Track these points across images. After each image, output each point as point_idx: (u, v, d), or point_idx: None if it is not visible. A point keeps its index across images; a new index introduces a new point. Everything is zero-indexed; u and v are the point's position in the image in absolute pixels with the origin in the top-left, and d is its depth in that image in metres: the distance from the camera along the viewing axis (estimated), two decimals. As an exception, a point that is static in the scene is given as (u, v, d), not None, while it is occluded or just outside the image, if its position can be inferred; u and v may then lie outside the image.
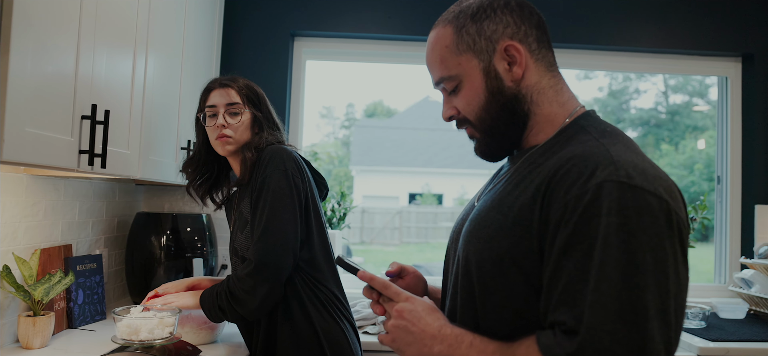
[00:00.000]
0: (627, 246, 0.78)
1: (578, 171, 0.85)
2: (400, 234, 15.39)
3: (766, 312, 2.50)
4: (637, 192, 0.80)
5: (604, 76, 15.12)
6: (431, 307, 0.98)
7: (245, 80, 1.77)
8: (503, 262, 0.90)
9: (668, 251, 0.80)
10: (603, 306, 0.77)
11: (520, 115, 0.99)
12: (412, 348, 0.95)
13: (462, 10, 1.01)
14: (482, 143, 1.03)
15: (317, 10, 2.70)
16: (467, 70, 0.99)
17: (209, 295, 1.64)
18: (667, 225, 0.81)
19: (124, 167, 1.62)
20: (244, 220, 1.67)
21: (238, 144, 1.71)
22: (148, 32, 1.75)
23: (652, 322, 0.77)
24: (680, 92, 15.77)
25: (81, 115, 1.36)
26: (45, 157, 1.23)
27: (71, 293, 1.90)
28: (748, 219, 2.82)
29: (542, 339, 0.82)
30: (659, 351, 0.77)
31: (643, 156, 0.89)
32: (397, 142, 18.03)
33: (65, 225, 1.94)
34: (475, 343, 0.90)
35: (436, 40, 1.03)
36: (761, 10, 2.81)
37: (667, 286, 0.79)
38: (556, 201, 0.85)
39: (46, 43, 1.22)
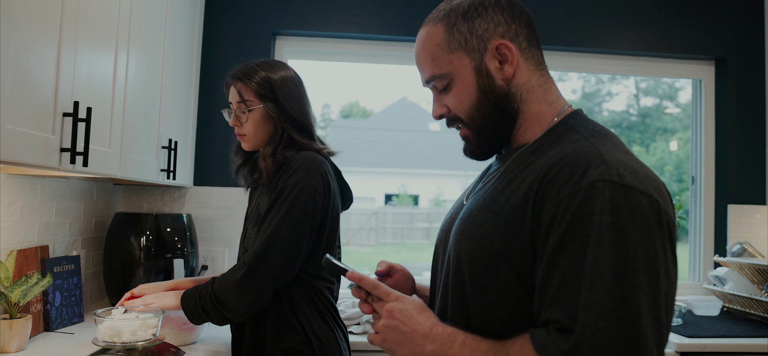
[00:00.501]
0: (619, 244, 0.79)
1: (570, 170, 0.85)
2: (376, 235, 15.39)
3: (739, 309, 2.57)
4: (628, 192, 0.81)
5: (578, 79, 15.36)
6: (422, 306, 0.97)
7: (262, 71, 1.65)
8: (495, 261, 0.90)
9: (659, 249, 0.81)
10: (597, 304, 0.78)
11: (511, 113, 1.00)
12: (403, 348, 0.94)
13: (453, 8, 1.01)
14: (473, 143, 1.04)
15: (299, 9, 2.69)
16: (459, 68, 0.99)
17: (191, 296, 1.59)
18: (657, 224, 0.82)
19: (105, 166, 1.59)
20: (258, 216, 1.62)
21: (255, 140, 1.66)
22: (129, 30, 1.73)
23: (644, 319, 0.78)
24: (651, 95, 16.10)
25: (63, 112, 1.33)
26: (25, 154, 1.20)
27: (48, 295, 1.86)
28: (722, 218, 2.89)
29: (536, 338, 0.83)
30: (651, 348, 0.78)
31: (632, 155, 0.90)
32: (373, 143, 18.03)
33: (42, 226, 1.90)
34: (467, 342, 0.90)
35: (426, 37, 1.02)
36: (734, 15, 2.88)
37: (658, 284, 0.80)
38: (548, 200, 0.85)
39: (28, 38, 1.19)
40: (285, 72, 1.68)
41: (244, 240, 1.68)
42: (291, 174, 1.55)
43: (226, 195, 2.61)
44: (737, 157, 2.85)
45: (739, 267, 2.55)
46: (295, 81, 1.68)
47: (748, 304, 2.51)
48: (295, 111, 1.64)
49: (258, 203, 1.66)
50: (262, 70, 1.65)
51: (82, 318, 2.01)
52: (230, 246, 2.61)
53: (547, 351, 0.80)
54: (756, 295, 2.47)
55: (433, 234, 14.16)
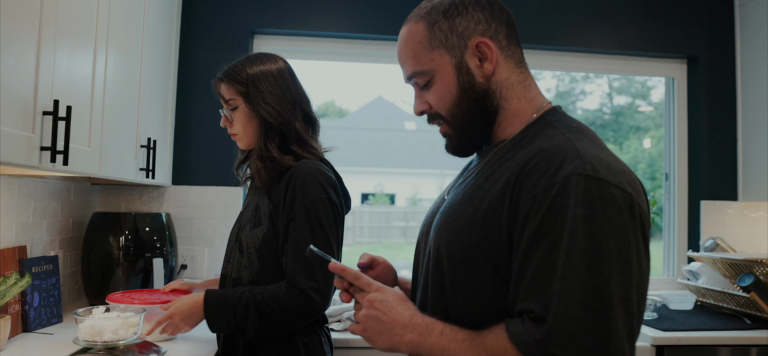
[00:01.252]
0: (592, 236, 0.81)
1: (546, 164, 0.87)
2: (353, 234, 15.37)
3: (712, 303, 2.63)
4: (602, 185, 0.83)
5: (552, 78, 15.51)
6: (402, 297, 0.99)
7: (243, 68, 1.60)
8: (473, 254, 0.92)
9: (631, 242, 0.83)
10: (569, 294, 0.80)
11: (490, 110, 1.02)
12: (383, 338, 0.97)
13: (434, 6, 1.02)
14: (454, 139, 1.05)
15: (277, 8, 2.68)
16: (440, 65, 1.01)
17: (222, 306, 1.52)
18: (630, 217, 0.84)
19: (84, 165, 1.57)
20: (258, 220, 1.59)
21: (246, 139, 1.62)
22: (108, 29, 1.70)
23: (616, 310, 0.80)
24: (624, 94, 16.36)
25: (43, 110, 1.32)
26: (6, 153, 1.18)
27: (27, 296, 1.83)
28: (695, 214, 2.96)
29: (511, 327, 0.85)
30: (622, 338, 0.80)
31: (607, 150, 0.93)
32: (349, 142, 17.98)
33: (19, 226, 1.87)
34: (445, 332, 0.92)
35: (408, 35, 1.04)
36: (705, 14, 2.95)
37: (630, 275, 0.82)
38: (525, 193, 0.87)
39: (7, 37, 1.18)
40: (266, 66, 1.62)
41: (244, 243, 1.61)
42: (304, 185, 1.51)
43: (204, 194, 2.59)
44: (709, 153, 2.93)
45: (711, 262, 2.62)
46: (277, 74, 1.62)
47: (721, 298, 2.57)
48: (276, 106, 1.58)
49: (256, 203, 1.63)
50: (243, 66, 1.61)
51: (61, 319, 1.98)
52: (209, 245, 2.59)
53: (521, 340, 0.82)
54: (728, 289, 2.54)
55: (410, 233, 14.19)
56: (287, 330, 1.52)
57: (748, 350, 2.20)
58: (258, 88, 1.57)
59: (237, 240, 1.65)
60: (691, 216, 2.98)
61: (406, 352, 0.95)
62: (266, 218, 1.58)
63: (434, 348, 0.91)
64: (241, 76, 1.59)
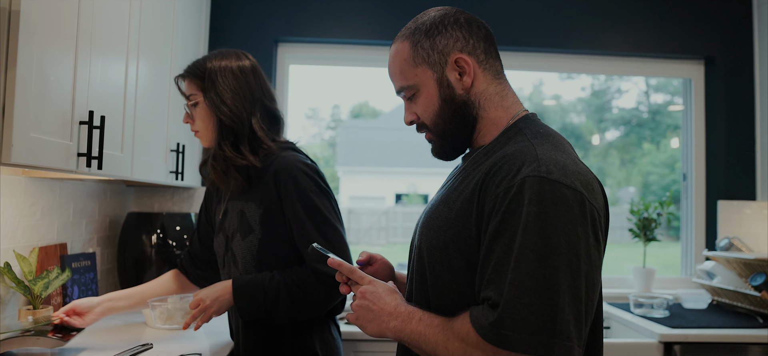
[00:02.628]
0: (544, 231, 0.90)
1: (508, 168, 0.98)
2: (386, 234, 15.49)
3: (728, 302, 2.65)
4: (554, 185, 0.93)
5: (587, 76, 15.32)
6: (390, 289, 1.11)
7: (203, 63, 1.60)
8: (448, 249, 1.04)
9: (581, 236, 0.92)
10: (520, 282, 0.89)
11: (469, 119, 1.12)
12: (372, 324, 1.08)
13: (418, 26, 1.14)
14: (437, 145, 1.17)
15: (300, 17, 2.81)
16: (423, 80, 1.12)
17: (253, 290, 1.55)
18: (580, 214, 0.93)
19: (118, 169, 1.71)
20: (248, 227, 1.60)
21: (207, 135, 1.62)
22: (139, 40, 1.85)
23: (563, 297, 0.89)
24: (662, 91, 16.01)
25: (79, 120, 1.46)
26: (47, 159, 1.33)
27: (67, 289, 2.00)
28: (712, 214, 2.97)
29: (473, 313, 0.95)
30: (568, 321, 0.89)
31: (568, 154, 1.01)
32: (382, 143, 18.11)
33: (61, 225, 2.04)
34: (423, 319, 1.03)
35: (395, 53, 1.16)
36: (722, 16, 2.96)
37: (579, 266, 0.91)
38: (489, 194, 0.98)
39: (47, 53, 1.32)
40: (227, 61, 1.60)
41: (236, 254, 1.63)
42: (295, 183, 1.55)
43: (232, 195, 2.74)
44: (727, 153, 2.94)
45: (726, 261, 2.64)
46: (237, 70, 1.60)
47: (735, 297, 2.59)
48: (231, 104, 1.56)
49: (240, 210, 1.63)
50: (204, 61, 1.60)
51: (98, 311, 2.14)
52: (237, 243, 2.73)
53: (479, 323, 0.93)
54: (742, 288, 2.56)
55: (442, 233, 14.23)
56: (315, 313, 1.60)
57: (755, 348, 2.22)
58: (214, 83, 1.57)
59: (228, 251, 1.67)
60: (708, 216, 3.00)
61: (391, 337, 1.07)
62: (257, 224, 1.59)
63: (413, 333, 1.02)
64: (201, 70, 1.59)
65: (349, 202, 14.68)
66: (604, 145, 12.32)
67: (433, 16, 1.13)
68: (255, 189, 1.61)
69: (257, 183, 1.61)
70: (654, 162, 13.09)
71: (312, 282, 1.55)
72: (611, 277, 3.01)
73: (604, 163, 12.02)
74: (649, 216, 2.88)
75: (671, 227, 2.91)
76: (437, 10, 1.15)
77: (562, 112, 13.98)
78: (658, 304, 2.46)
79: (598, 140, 4.25)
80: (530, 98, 11.58)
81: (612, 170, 12.60)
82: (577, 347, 0.90)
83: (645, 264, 2.89)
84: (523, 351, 0.88)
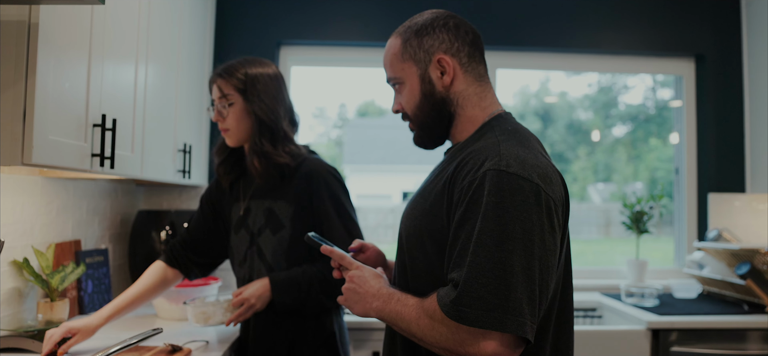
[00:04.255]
0: (500, 219, 1.00)
1: (473, 162, 1.08)
2: (393, 232, 15.54)
3: (716, 291, 2.74)
4: (511, 178, 1.02)
5: (593, 73, 15.30)
6: (376, 274, 1.21)
7: (241, 67, 1.75)
8: (423, 237, 1.15)
9: (535, 223, 1.01)
10: (478, 264, 0.99)
11: (446, 114, 1.23)
12: (358, 305, 1.19)
13: (410, 26, 1.25)
14: (416, 135, 1.28)
15: (301, 20, 2.92)
16: (408, 74, 1.24)
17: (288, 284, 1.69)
18: (535, 203, 1.02)
19: (129, 168, 1.82)
20: (279, 223, 1.74)
21: (237, 134, 1.75)
22: (147, 45, 1.95)
23: (516, 277, 0.98)
24: (668, 87, 15.94)
25: (93, 123, 1.57)
26: (64, 160, 1.43)
27: (81, 283, 2.11)
28: (703, 206, 3.05)
29: (440, 292, 1.06)
30: (521, 300, 0.98)
31: (531, 150, 1.11)
32: (389, 141, 18.13)
33: (75, 223, 2.15)
34: (401, 299, 1.13)
35: (389, 47, 1.28)
36: (712, 14, 3.04)
37: (533, 250, 1.00)
38: (457, 186, 1.09)
39: (63, 61, 1.42)
40: (263, 69, 1.77)
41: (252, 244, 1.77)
42: (321, 179, 1.73)
43: (238, 193, 2.85)
44: (717, 148, 3.02)
45: (715, 251, 2.72)
46: (272, 78, 1.77)
47: (723, 286, 2.68)
48: (271, 106, 1.73)
49: (267, 208, 1.77)
50: (241, 66, 1.75)
51: (111, 304, 2.26)
52: (243, 239, 2.84)
53: (443, 301, 1.03)
54: (729, 278, 2.64)
55: (449, 230, 14.33)
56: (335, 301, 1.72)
57: (740, 333, 2.31)
58: (256, 87, 1.73)
59: (252, 245, 1.79)
60: (700, 209, 3.08)
61: (374, 316, 1.17)
62: (288, 220, 1.74)
63: (392, 312, 1.13)
64: (241, 74, 1.74)
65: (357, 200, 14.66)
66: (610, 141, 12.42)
67: (426, 18, 1.24)
68: (285, 189, 1.76)
69: (288, 182, 1.76)
70: (661, 157, 13.11)
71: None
72: (605, 268, 3.10)
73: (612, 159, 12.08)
74: (641, 209, 2.96)
75: (663, 221, 2.99)
76: (431, 12, 1.26)
77: (569, 109, 14.12)
78: (649, 294, 2.55)
79: (598, 136, 4.30)
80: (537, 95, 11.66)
81: (619, 166, 12.66)
82: (529, 322, 0.99)
83: (638, 255, 2.97)
84: (480, 325, 0.98)
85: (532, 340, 1.01)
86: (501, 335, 0.99)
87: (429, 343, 1.08)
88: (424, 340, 1.08)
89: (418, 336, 1.09)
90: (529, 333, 0.99)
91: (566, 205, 1.13)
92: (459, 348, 1.03)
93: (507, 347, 1.00)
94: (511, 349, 1.01)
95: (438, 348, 1.07)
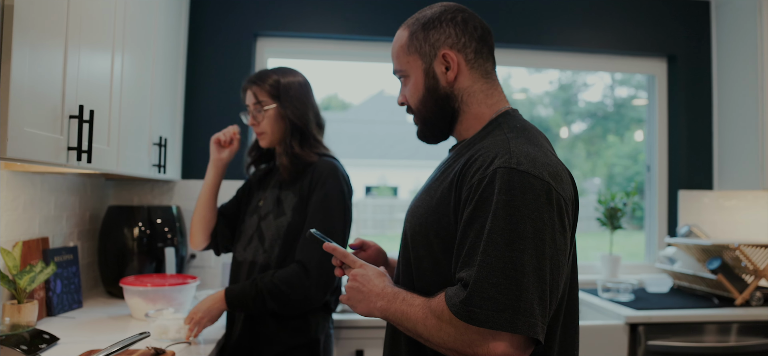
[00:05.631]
0: (511, 218, 0.98)
1: (482, 160, 1.06)
2: (356, 227, 15.52)
3: (687, 286, 2.80)
4: (522, 176, 1.01)
5: (554, 70, 15.58)
6: (379, 272, 1.19)
7: (274, 75, 1.88)
8: (429, 235, 1.13)
9: (546, 222, 1.00)
10: (489, 264, 0.97)
11: (449, 110, 1.21)
12: (361, 304, 1.17)
13: (418, 18, 1.23)
14: (419, 129, 1.27)
15: (279, 12, 2.85)
16: (413, 67, 1.21)
17: (241, 300, 1.77)
18: (547, 202, 1.01)
19: (105, 162, 1.74)
20: (282, 211, 1.85)
21: (271, 137, 1.88)
22: (124, 34, 1.86)
23: (528, 277, 0.97)
24: (625, 85, 16.36)
25: (69, 114, 1.49)
26: (40, 153, 1.35)
27: (50, 283, 2.01)
28: (673, 203, 3.12)
29: (448, 292, 1.04)
30: (532, 300, 0.97)
31: (541, 148, 1.09)
32: (352, 135, 18.09)
33: (42, 219, 2.05)
34: (406, 298, 1.11)
35: (396, 38, 1.25)
36: (684, 16, 3.11)
37: (544, 250, 0.99)
38: (465, 184, 1.06)
39: (39, 49, 1.34)
40: (294, 77, 1.90)
41: (264, 231, 1.87)
42: (324, 179, 1.81)
43: (212, 188, 2.76)
44: (687, 146, 3.09)
45: (686, 247, 2.79)
46: (302, 85, 1.91)
47: (694, 280, 2.74)
48: (302, 111, 1.87)
49: (277, 196, 1.89)
50: (273, 74, 1.88)
51: (81, 304, 2.16)
52: (216, 236, 2.76)
53: (451, 301, 1.01)
54: (700, 272, 2.71)
55: (413, 225, 14.38)
56: (304, 307, 1.76)
57: (713, 326, 2.37)
58: (289, 94, 1.86)
59: (257, 229, 1.89)
60: (670, 205, 3.15)
61: (378, 316, 1.15)
62: (290, 210, 1.84)
63: (397, 312, 1.10)
64: (273, 81, 1.87)
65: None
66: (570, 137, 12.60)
67: (434, 11, 1.21)
68: (296, 181, 1.86)
69: (302, 177, 1.86)
70: (618, 154, 13.42)
71: (296, 280, 1.73)
72: (580, 264, 3.13)
73: (571, 155, 12.31)
74: (615, 205, 3.01)
75: (634, 217, 3.05)
76: (441, 5, 1.23)
77: (530, 105, 14.27)
78: (624, 289, 2.59)
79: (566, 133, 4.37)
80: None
81: (578, 161, 12.91)
82: (540, 323, 0.97)
83: (611, 251, 3.02)
84: (490, 326, 0.96)
85: (542, 341, 1.00)
86: (511, 336, 0.98)
87: (436, 344, 1.05)
88: (430, 341, 1.06)
89: (424, 336, 1.07)
90: (540, 333, 0.98)
91: (576, 204, 1.12)
92: (467, 348, 1.01)
93: (517, 348, 0.99)
94: (520, 350, 0.99)
95: (445, 349, 1.05)
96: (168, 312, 1.86)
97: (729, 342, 2.37)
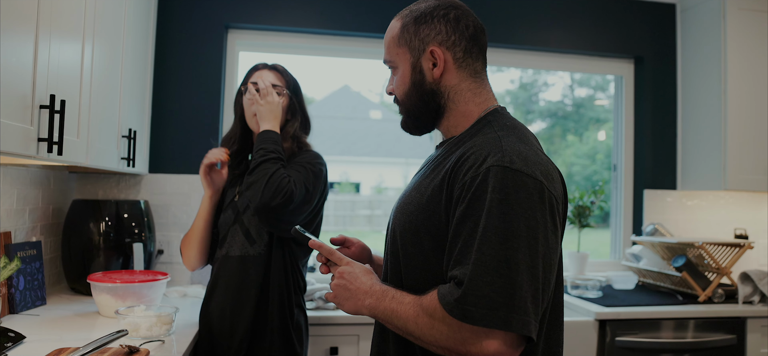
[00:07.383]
0: (505, 216, 0.99)
1: (474, 158, 1.06)
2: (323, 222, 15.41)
3: (652, 283, 2.88)
4: (516, 174, 1.01)
5: (516, 69, 15.79)
6: (367, 270, 1.18)
7: (289, 71, 2.05)
8: (419, 232, 1.12)
9: (539, 221, 1.00)
10: (483, 262, 0.97)
11: (434, 106, 1.21)
12: (349, 302, 1.16)
13: (412, 11, 1.22)
14: (403, 120, 1.27)
15: (251, 3, 2.79)
16: (402, 60, 1.22)
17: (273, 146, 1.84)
18: (539, 201, 1.01)
19: (75, 154, 1.67)
20: None
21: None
22: (94, 22, 1.79)
23: (521, 275, 0.97)
24: (585, 86, 16.71)
25: (40, 104, 1.42)
26: (9, 144, 1.28)
27: (12, 279, 1.93)
28: (639, 202, 3.20)
29: (441, 290, 1.03)
30: (526, 298, 0.97)
31: (532, 146, 1.10)
32: (314, 131, 17.98)
33: (5, 213, 1.96)
34: (396, 296, 1.10)
35: (389, 29, 1.25)
36: (650, 19, 3.19)
37: (537, 248, 0.99)
38: (457, 182, 1.06)
39: (9, 34, 1.28)
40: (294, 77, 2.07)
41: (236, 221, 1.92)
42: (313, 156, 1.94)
43: (180, 182, 2.70)
44: (653, 146, 3.17)
45: (651, 245, 2.86)
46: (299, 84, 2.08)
47: (659, 278, 2.82)
48: (303, 105, 2.06)
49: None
50: (286, 69, 2.05)
51: (45, 301, 2.08)
52: (185, 230, 2.69)
53: (445, 300, 1.00)
54: (665, 270, 2.78)
55: (375, 221, 14.37)
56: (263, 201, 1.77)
57: (678, 322, 2.44)
58: (298, 88, 2.06)
59: (236, 222, 1.92)
60: (635, 204, 3.23)
61: (366, 314, 1.14)
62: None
63: (386, 310, 1.09)
64: (289, 76, 2.04)
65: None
66: (530, 136, 12.82)
67: (428, 5, 1.21)
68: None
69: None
70: (577, 153, 13.70)
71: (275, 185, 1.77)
72: (547, 262, 3.18)
73: (531, 154, 12.51)
74: (583, 204, 3.06)
75: (594, 216, 3.11)
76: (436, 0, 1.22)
77: (491, 104, 14.44)
78: (592, 286, 2.64)
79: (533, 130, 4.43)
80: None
81: (538, 160, 13.16)
82: (533, 321, 0.98)
83: (579, 249, 3.08)
84: (485, 324, 0.96)
85: (535, 339, 1.00)
86: (504, 334, 0.98)
87: (427, 342, 1.05)
88: (421, 339, 1.05)
89: (415, 334, 1.06)
90: (533, 332, 0.98)
91: (565, 203, 1.13)
92: (460, 346, 1.00)
93: (509, 346, 0.99)
94: (513, 348, 1.00)
95: (436, 347, 1.04)
96: (139, 309, 1.80)
97: (694, 338, 2.44)
